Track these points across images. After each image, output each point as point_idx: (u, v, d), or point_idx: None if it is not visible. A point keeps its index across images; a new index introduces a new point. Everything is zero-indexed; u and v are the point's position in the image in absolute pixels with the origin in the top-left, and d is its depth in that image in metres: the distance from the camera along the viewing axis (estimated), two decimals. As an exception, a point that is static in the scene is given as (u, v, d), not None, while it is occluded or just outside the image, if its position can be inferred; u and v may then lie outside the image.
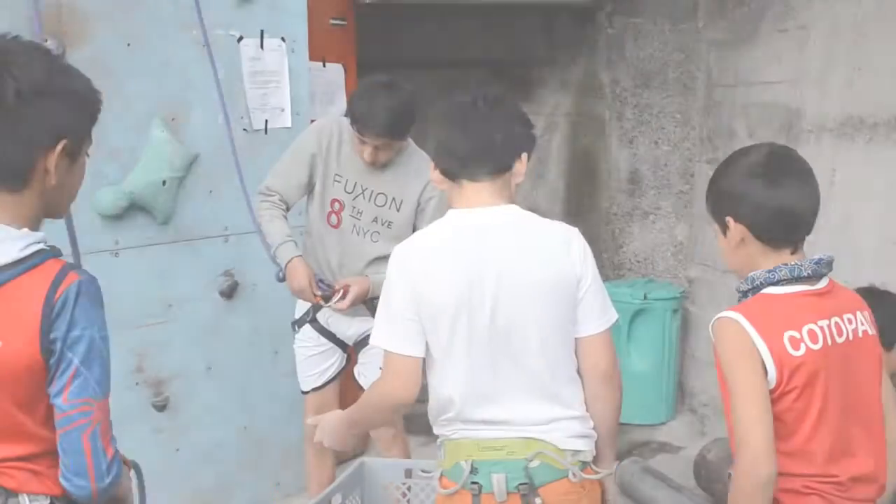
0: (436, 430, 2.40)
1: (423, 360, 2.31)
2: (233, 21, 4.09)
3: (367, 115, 3.38)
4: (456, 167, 2.34)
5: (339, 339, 3.77)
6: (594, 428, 2.37)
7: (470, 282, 2.23)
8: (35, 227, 1.85)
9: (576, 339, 2.33)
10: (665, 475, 4.38)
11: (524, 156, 2.35)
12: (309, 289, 3.52)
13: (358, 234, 3.60)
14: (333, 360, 3.80)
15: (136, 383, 3.88)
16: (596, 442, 2.38)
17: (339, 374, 3.84)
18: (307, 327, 3.77)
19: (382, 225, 3.59)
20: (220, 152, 4.07)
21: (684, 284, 5.74)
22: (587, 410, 2.36)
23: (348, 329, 3.73)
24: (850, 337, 2.20)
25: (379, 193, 3.57)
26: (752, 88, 5.03)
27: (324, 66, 4.64)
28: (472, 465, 2.26)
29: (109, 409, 1.86)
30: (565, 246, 2.30)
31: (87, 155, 1.96)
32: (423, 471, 2.50)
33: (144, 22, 3.79)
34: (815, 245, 4.13)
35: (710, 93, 5.56)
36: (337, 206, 3.61)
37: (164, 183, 3.86)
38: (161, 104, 3.87)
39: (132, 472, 2.14)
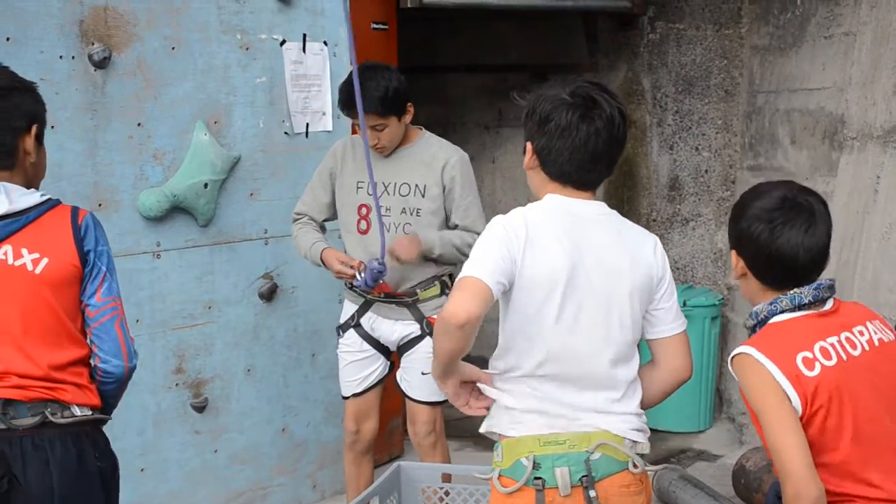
0: (494, 427, 2.37)
1: (491, 300, 2.21)
2: (275, 25, 4.12)
3: (349, 97, 3.40)
4: (567, 179, 2.34)
5: (382, 344, 3.78)
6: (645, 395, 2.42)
7: (570, 264, 2.26)
8: None
9: (653, 339, 2.40)
10: (703, 483, 4.35)
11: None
12: (341, 264, 3.56)
13: (388, 231, 3.62)
14: (376, 367, 3.81)
15: (176, 384, 3.92)
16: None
17: (381, 380, 3.85)
18: (351, 332, 3.78)
19: (411, 214, 3.62)
20: (261, 155, 4.11)
21: (724, 292, 5.69)
22: (649, 394, 2.41)
23: (392, 334, 3.74)
24: (867, 347, 2.22)
25: (402, 184, 3.62)
26: (796, 95, 4.98)
27: (365, 70, 4.65)
28: (534, 461, 2.25)
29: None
30: (651, 247, 2.38)
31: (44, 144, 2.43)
32: (478, 475, 2.44)
33: (188, 26, 3.83)
34: (859, 254, 4.09)
35: (753, 99, 5.52)
36: (364, 210, 3.66)
37: (205, 185, 3.89)
38: (204, 107, 3.91)
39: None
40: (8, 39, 3.40)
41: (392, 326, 3.73)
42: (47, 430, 2.21)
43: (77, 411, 2.25)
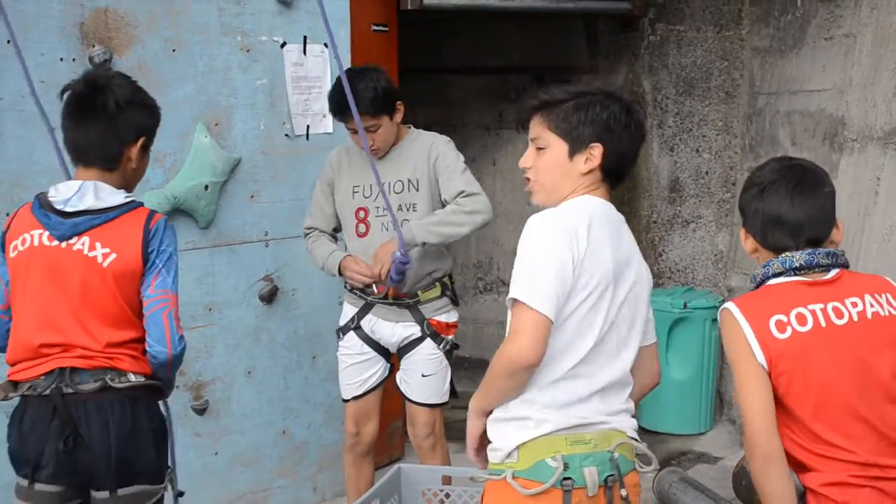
0: (500, 425, 2.30)
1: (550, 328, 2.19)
2: (276, 27, 4.12)
3: (341, 101, 3.46)
4: (612, 176, 2.39)
5: (382, 347, 3.79)
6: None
7: (615, 268, 2.29)
8: None
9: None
10: (704, 485, 4.35)
11: None
12: (366, 269, 3.59)
13: (387, 230, 3.64)
14: (376, 370, 3.81)
15: (177, 387, 3.90)
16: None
17: (381, 383, 3.85)
18: (351, 334, 3.78)
19: (408, 210, 3.64)
20: (261, 157, 4.11)
21: (724, 293, 5.69)
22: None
23: (392, 336, 3.74)
24: (855, 319, 2.27)
25: (396, 181, 3.64)
26: (796, 96, 4.98)
27: (365, 72, 4.65)
28: (564, 462, 2.21)
29: (178, 303, 2.63)
30: (640, 254, 2.45)
31: (149, 154, 2.76)
32: (473, 478, 2.40)
33: (189, 28, 3.83)
34: (860, 256, 4.09)
35: (753, 101, 5.52)
36: (362, 213, 3.69)
37: (206, 188, 3.89)
38: (204, 109, 3.91)
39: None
40: (9, 42, 3.40)
41: (392, 328, 3.73)
42: (107, 393, 2.55)
43: (132, 378, 2.59)
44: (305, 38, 4.21)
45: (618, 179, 2.42)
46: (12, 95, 3.43)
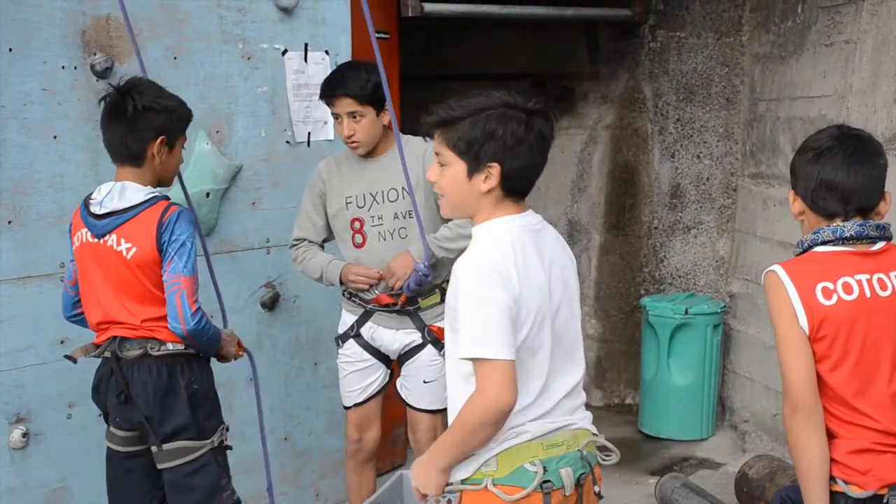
0: (491, 444, 2.31)
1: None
2: (277, 35, 4.13)
3: (329, 80, 3.59)
4: (516, 192, 2.36)
5: (382, 353, 3.79)
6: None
7: (548, 283, 2.33)
8: (154, 187, 3.06)
9: None
10: (706, 491, 4.35)
11: None
12: (367, 272, 3.61)
13: (385, 239, 3.64)
14: (377, 377, 3.81)
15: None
16: None
17: (381, 389, 3.85)
18: (351, 342, 3.78)
19: (404, 218, 3.63)
20: (262, 164, 4.12)
21: (726, 299, 5.69)
22: None
23: (393, 343, 3.74)
24: None
25: (389, 190, 3.63)
26: (797, 103, 4.98)
27: (367, 79, 4.66)
28: (543, 466, 2.28)
29: (196, 283, 3.01)
30: (570, 255, 2.50)
31: (183, 147, 3.18)
32: (448, 489, 2.37)
33: (190, 36, 3.84)
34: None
35: (754, 107, 5.53)
36: (358, 224, 3.68)
37: (207, 195, 3.90)
38: (205, 117, 3.91)
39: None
40: (10, 50, 3.41)
41: (393, 335, 3.73)
42: (147, 359, 3.02)
43: (170, 346, 3.03)
44: (307, 45, 4.22)
45: (521, 195, 2.37)
46: (14, 103, 3.44)
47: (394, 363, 3.84)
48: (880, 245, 2.38)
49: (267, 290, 4.17)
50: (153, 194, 3.03)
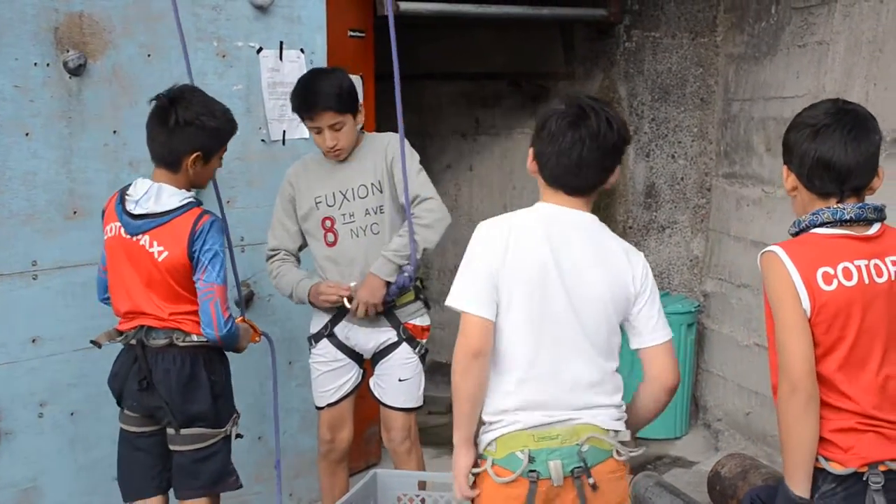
0: (487, 427, 2.51)
1: (494, 324, 2.44)
2: (252, 33, 4.12)
3: (304, 99, 3.54)
4: (559, 177, 2.49)
5: (356, 353, 3.78)
6: (629, 420, 2.57)
7: (544, 266, 2.44)
8: (188, 190, 3.19)
9: (638, 349, 2.58)
10: (679, 490, 4.37)
11: (617, 169, 2.54)
12: (334, 290, 3.60)
13: (357, 236, 3.64)
14: (350, 376, 3.81)
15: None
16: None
17: (354, 389, 3.85)
18: (325, 342, 3.78)
19: (376, 213, 3.63)
20: (237, 163, 4.10)
21: (700, 299, 5.72)
22: (638, 413, 2.61)
23: (369, 342, 3.74)
24: (893, 277, 2.34)
25: (359, 186, 3.63)
26: (771, 103, 5.02)
27: (342, 77, 4.66)
28: (530, 455, 2.43)
29: (226, 290, 3.16)
30: (627, 262, 2.52)
31: (221, 158, 3.29)
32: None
33: (165, 34, 3.82)
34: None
35: (728, 107, 5.56)
36: (329, 223, 3.68)
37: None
38: (180, 115, 3.89)
39: (264, 339, 3.55)
40: (-18, 46, 3.39)
41: (369, 335, 3.73)
42: (172, 349, 3.16)
43: (195, 339, 3.16)
44: (282, 43, 4.21)
45: (563, 186, 2.51)
46: (-15, 100, 3.41)
47: (366, 362, 3.84)
48: (876, 227, 2.38)
49: (241, 288, 4.15)
50: (188, 200, 3.16)
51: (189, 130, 3.11)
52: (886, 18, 4.15)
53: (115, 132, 3.74)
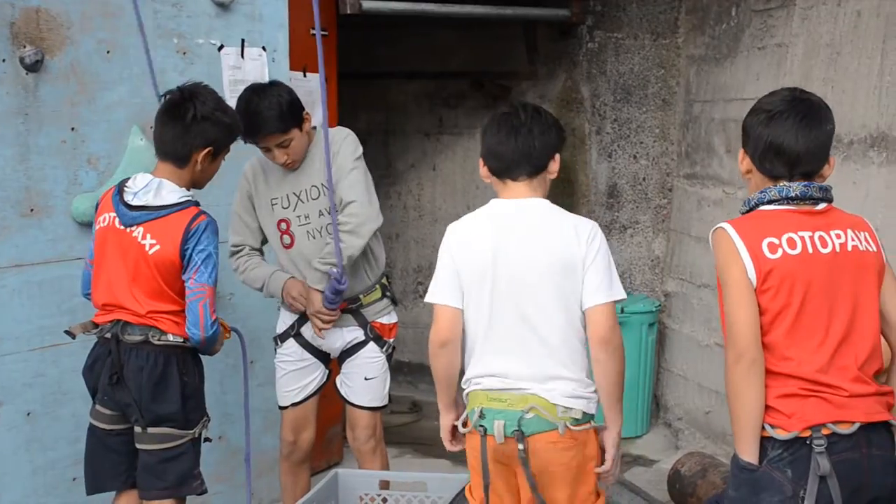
0: (464, 382, 2.87)
1: (462, 312, 2.79)
2: (213, 30, 4.09)
3: (248, 124, 3.48)
4: (501, 169, 2.82)
5: (322, 352, 3.77)
6: (596, 391, 2.79)
7: (495, 254, 2.74)
8: (188, 188, 3.22)
9: (584, 310, 2.73)
10: (639, 488, 4.40)
11: (557, 156, 2.85)
12: (304, 291, 3.60)
13: (313, 238, 3.63)
14: (315, 376, 3.80)
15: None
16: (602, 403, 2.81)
17: (319, 389, 3.83)
18: (291, 342, 3.76)
19: (329, 215, 3.60)
20: (198, 161, 4.07)
21: (661, 298, 5.76)
22: (591, 375, 2.79)
23: (336, 342, 3.74)
24: (837, 249, 2.43)
25: (311, 187, 3.61)
26: (731, 104, 5.06)
27: (304, 75, 4.64)
28: (481, 411, 2.74)
29: (216, 293, 3.19)
30: (574, 232, 2.74)
31: (224, 159, 3.32)
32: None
33: (124, 30, 3.78)
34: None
35: (689, 108, 5.60)
36: (284, 225, 3.67)
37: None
38: (140, 112, 3.85)
39: (234, 336, 3.52)
40: (-63, 41, 3.33)
41: (336, 334, 3.72)
42: (147, 346, 3.15)
43: (171, 338, 3.17)
44: (243, 41, 4.18)
45: (498, 175, 2.84)
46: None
47: (333, 362, 3.83)
48: (822, 206, 2.47)
49: (202, 287, 4.12)
50: (187, 197, 3.19)
51: (205, 125, 3.15)
52: (843, 22, 4.20)
53: (73, 129, 3.69)
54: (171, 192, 3.16)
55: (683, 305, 5.50)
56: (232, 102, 4.13)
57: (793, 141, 2.44)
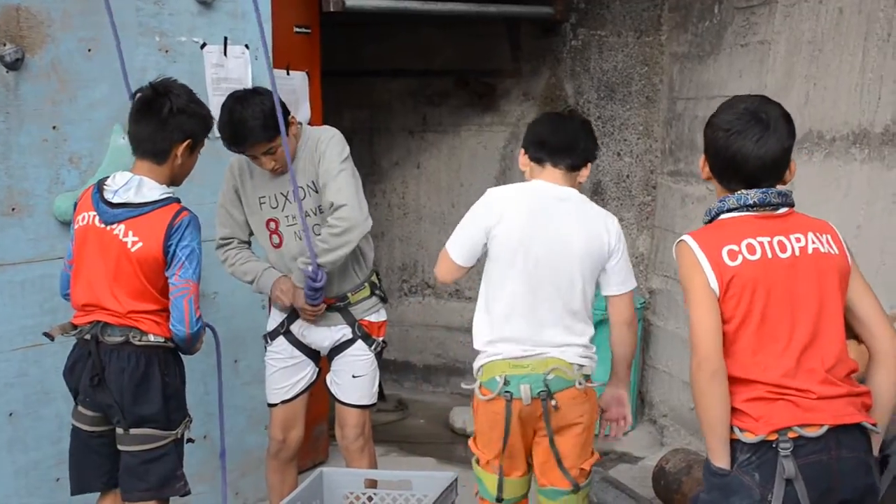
0: (479, 346, 3.16)
1: (465, 270, 3.23)
2: (196, 28, 4.07)
3: (233, 134, 3.47)
4: (546, 155, 3.19)
5: (312, 350, 3.76)
6: (614, 358, 3.26)
7: (532, 232, 3.08)
8: (167, 185, 3.20)
9: (608, 296, 3.20)
10: (624, 485, 4.41)
11: (589, 164, 3.27)
12: (291, 288, 3.60)
13: (300, 239, 3.61)
14: (305, 373, 3.79)
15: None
16: (615, 368, 3.30)
17: (309, 386, 3.83)
18: (280, 339, 3.75)
19: (316, 214, 3.60)
20: (181, 159, 4.05)
21: (645, 295, 5.77)
22: (613, 349, 3.25)
23: (325, 340, 3.73)
24: (797, 253, 2.44)
25: (297, 188, 3.58)
26: (714, 101, 5.05)
27: (288, 73, 4.63)
28: (505, 379, 3.05)
29: (199, 290, 3.16)
30: (604, 225, 3.17)
31: (199, 153, 3.30)
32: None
33: (106, 28, 3.75)
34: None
35: (673, 105, 5.61)
36: (273, 224, 3.66)
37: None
38: (121, 110, 3.81)
39: (210, 332, 3.48)
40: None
41: (325, 332, 3.71)
42: (127, 347, 3.13)
43: (152, 338, 3.15)
44: (226, 39, 4.17)
45: (538, 161, 3.22)
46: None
47: (323, 360, 3.82)
48: (783, 210, 2.48)
49: (185, 286, 4.11)
50: (168, 194, 3.18)
51: (182, 118, 3.15)
52: (825, 19, 4.22)
53: (54, 128, 3.67)
54: (152, 189, 3.15)
55: (668, 302, 5.52)
56: (215, 101, 4.14)
57: (749, 161, 2.45)
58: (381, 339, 3.77)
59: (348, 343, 3.72)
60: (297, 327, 3.73)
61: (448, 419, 5.75)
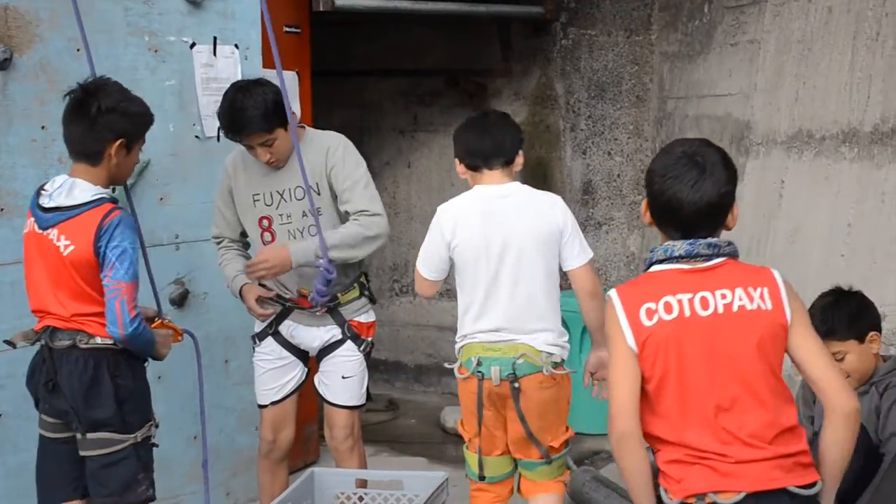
0: (458, 339, 3.42)
1: (440, 282, 3.45)
2: (185, 27, 4.06)
3: (232, 122, 3.49)
4: (480, 161, 3.37)
5: (301, 350, 3.76)
6: (588, 328, 3.47)
7: (487, 234, 3.30)
8: (106, 187, 3.14)
9: (568, 270, 3.37)
10: (615, 484, 4.41)
11: (521, 152, 3.44)
12: (255, 307, 3.64)
13: (294, 238, 3.61)
14: (294, 374, 3.79)
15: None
16: (593, 336, 3.47)
17: (299, 387, 3.82)
18: (269, 340, 3.75)
19: (313, 216, 3.58)
20: (171, 160, 4.04)
21: (637, 294, 5.77)
22: (585, 321, 3.44)
23: (314, 340, 3.73)
24: (720, 311, 2.34)
25: (296, 187, 3.58)
26: (704, 101, 5.09)
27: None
28: (478, 360, 3.30)
29: (135, 289, 3.09)
30: (551, 207, 3.36)
31: (141, 150, 3.26)
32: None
33: (94, 27, 3.74)
34: (766, 257, 4.18)
35: (663, 105, 5.62)
36: (266, 222, 3.66)
37: (113, 190, 3.80)
38: (111, 110, 3.82)
39: (188, 338, 3.54)
40: None
41: (314, 333, 3.71)
42: (75, 351, 3.10)
43: (98, 341, 3.10)
44: (216, 38, 4.16)
45: (474, 168, 3.39)
46: None
47: (312, 360, 3.81)
48: (715, 262, 2.37)
49: (176, 286, 4.11)
50: (100, 195, 3.10)
51: (112, 117, 3.08)
52: (815, 18, 4.23)
53: (43, 128, 3.66)
54: (83, 190, 3.08)
55: (658, 301, 5.51)
56: (204, 100, 4.14)
57: (684, 206, 2.35)
58: (369, 339, 3.77)
59: (338, 344, 3.71)
60: (286, 328, 3.73)
61: (439, 419, 5.74)
